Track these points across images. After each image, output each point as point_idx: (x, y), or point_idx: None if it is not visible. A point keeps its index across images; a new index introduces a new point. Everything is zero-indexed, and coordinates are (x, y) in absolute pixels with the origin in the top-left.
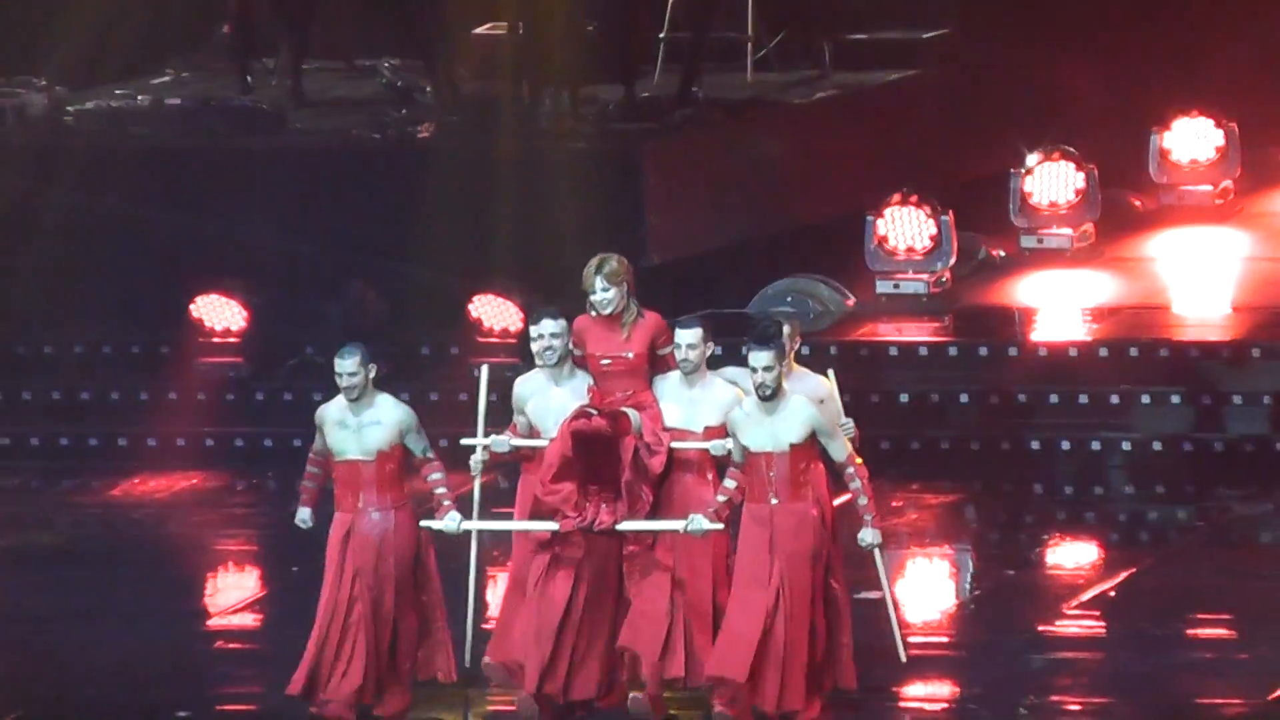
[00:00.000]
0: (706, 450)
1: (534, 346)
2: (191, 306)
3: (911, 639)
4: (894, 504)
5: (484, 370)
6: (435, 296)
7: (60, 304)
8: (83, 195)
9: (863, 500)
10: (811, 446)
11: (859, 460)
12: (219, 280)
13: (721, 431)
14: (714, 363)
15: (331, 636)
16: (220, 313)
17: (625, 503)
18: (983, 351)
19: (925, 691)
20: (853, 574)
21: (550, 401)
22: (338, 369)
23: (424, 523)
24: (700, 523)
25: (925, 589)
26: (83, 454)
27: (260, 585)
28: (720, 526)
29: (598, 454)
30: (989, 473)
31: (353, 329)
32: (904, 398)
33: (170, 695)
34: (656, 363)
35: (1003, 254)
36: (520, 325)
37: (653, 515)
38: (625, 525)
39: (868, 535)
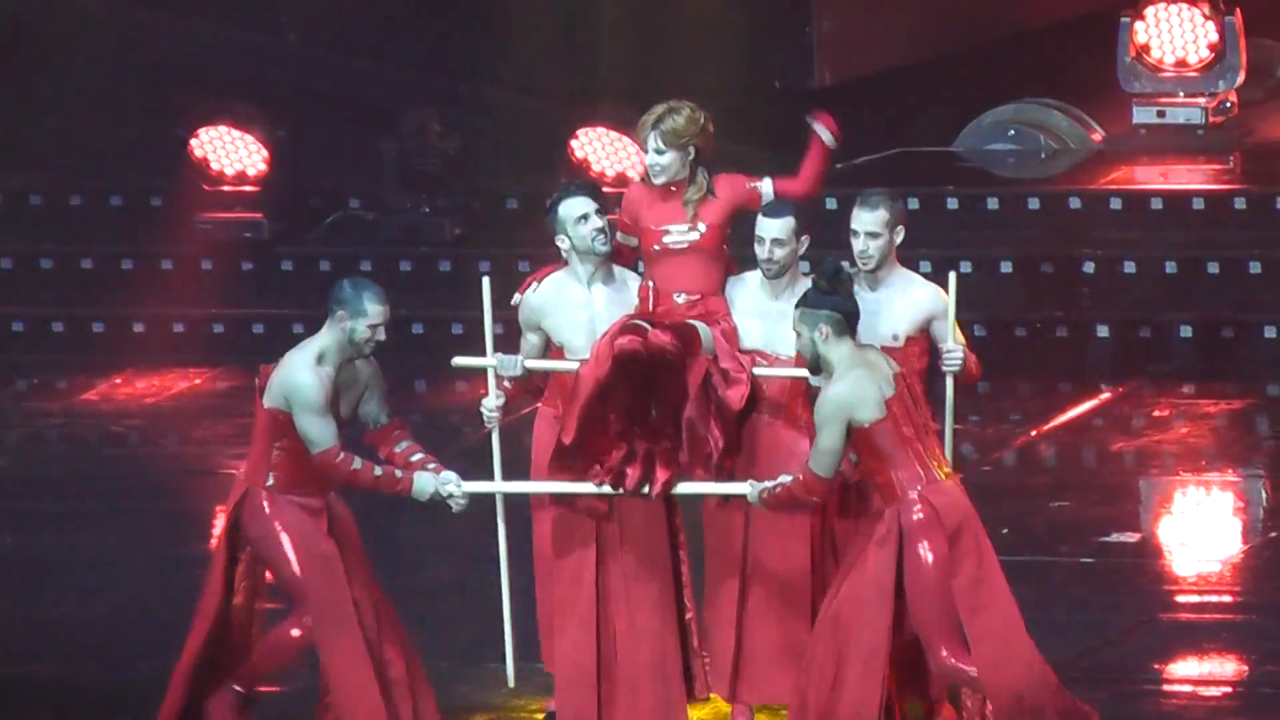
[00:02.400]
0: (800, 380)
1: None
2: (192, 142)
3: (1181, 599)
4: (1157, 413)
5: (485, 283)
6: (525, 129)
7: (11, 138)
8: None
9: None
10: None
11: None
12: (229, 106)
13: None
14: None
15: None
16: (231, 151)
17: (686, 453)
18: None
19: (1200, 670)
20: (1098, 511)
21: (576, 302)
22: (375, 317)
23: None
24: None
25: (1199, 529)
26: (44, 343)
27: None
28: None
29: (654, 384)
30: None
31: (412, 172)
32: (1170, 266)
33: (167, 674)
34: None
35: None
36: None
37: (723, 470)
38: (687, 488)
39: (745, 485)
